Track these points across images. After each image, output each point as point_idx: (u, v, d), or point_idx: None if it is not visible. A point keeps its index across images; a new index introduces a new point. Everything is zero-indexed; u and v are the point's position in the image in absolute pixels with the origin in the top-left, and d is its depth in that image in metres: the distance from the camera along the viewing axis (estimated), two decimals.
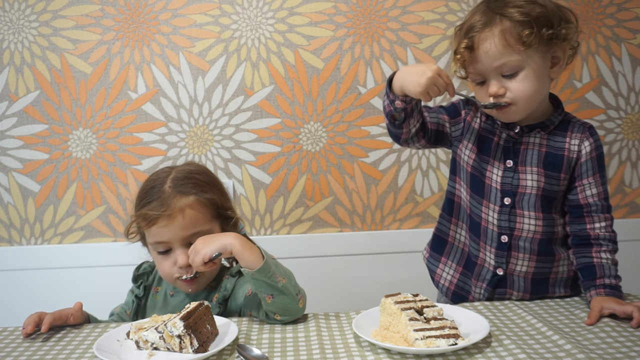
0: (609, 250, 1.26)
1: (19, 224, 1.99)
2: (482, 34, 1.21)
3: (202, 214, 1.27)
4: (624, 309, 1.14)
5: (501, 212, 1.30)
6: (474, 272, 1.37)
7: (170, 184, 1.28)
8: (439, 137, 1.36)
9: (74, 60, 1.93)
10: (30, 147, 1.96)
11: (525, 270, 1.32)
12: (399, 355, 1.04)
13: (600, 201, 1.28)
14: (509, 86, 1.22)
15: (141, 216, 1.26)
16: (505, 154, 1.30)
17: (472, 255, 1.38)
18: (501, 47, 1.19)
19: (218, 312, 1.28)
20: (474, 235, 1.36)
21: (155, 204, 1.25)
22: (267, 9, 1.93)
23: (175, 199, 1.25)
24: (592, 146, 1.28)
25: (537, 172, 1.28)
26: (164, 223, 1.24)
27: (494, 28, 1.20)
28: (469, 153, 1.34)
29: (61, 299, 1.97)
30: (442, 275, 1.44)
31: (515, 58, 1.20)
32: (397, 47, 1.96)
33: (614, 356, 1.00)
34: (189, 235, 1.25)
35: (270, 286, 1.16)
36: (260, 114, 1.97)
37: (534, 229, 1.29)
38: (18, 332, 1.23)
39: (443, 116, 1.36)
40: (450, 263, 1.43)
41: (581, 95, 2.00)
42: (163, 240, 1.26)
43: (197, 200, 1.27)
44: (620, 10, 1.98)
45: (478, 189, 1.34)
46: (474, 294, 1.38)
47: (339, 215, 2.01)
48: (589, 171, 1.28)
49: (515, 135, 1.29)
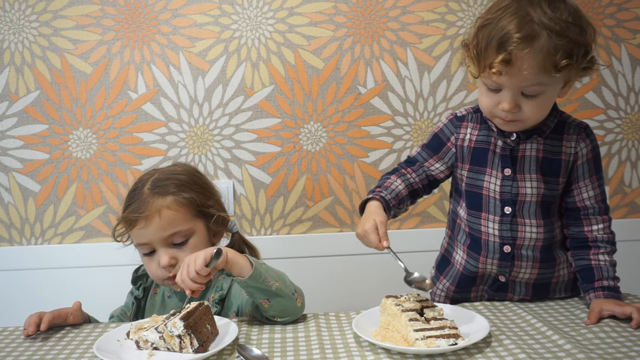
0: (607, 252, 1.25)
1: (19, 224, 1.99)
2: (521, 51, 1.11)
3: (180, 214, 1.27)
4: (623, 310, 1.14)
5: (502, 222, 1.28)
6: (474, 284, 1.35)
7: (149, 186, 1.29)
8: (434, 184, 1.37)
9: (74, 60, 1.93)
10: (31, 147, 1.96)
11: (527, 277, 1.30)
12: (399, 355, 1.04)
13: (598, 203, 1.27)
14: (525, 105, 1.17)
15: (123, 219, 1.28)
16: (503, 163, 1.27)
17: (469, 273, 1.34)
18: (537, 70, 1.12)
19: (216, 312, 1.28)
20: (473, 252, 1.32)
21: (133, 206, 1.27)
22: (267, 9, 1.93)
23: (152, 200, 1.26)
24: (588, 147, 1.26)
25: (535, 178, 1.26)
26: (142, 225, 1.25)
27: (535, 45, 1.11)
28: (464, 172, 1.32)
29: (61, 299, 1.97)
30: (437, 292, 1.43)
31: (544, 81, 1.14)
32: (397, 47, 1.96)
33: (613, 356, 1.00)
34: (168, 235, 1.26)
35: (265, 291, 1.16)
36: (260, 114, 1.97)
37: (536, 237, 1.27)
38: (18, 332, 1.23)
39: (427, 163, 1.35)
40: (445, 282, 1.40)
41: (581, 95, 2.00)
42: (144, 242, 1.27)
43: (175, 200, 1.27)
44: (620, 10, 1.98)
45: (476, 204, 1.31)
46: (473, 297, 1.37)
47: (339, 215, 2.01)
48: (585, 174, 1.26)
49: (511, 143, 1.26)
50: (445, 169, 1.35)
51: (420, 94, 1.98)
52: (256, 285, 1.15)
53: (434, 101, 1.97)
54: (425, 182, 1.35)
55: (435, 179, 1.36)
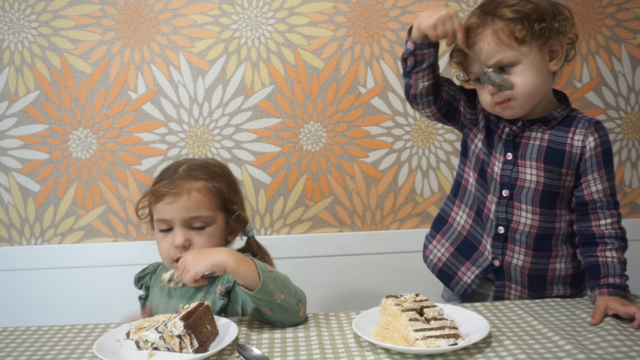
0: (615, 249, 1.25)
1: (19, 224, 1.99)
2: (476, 35, 1.25)
3: (207, 200, 1.31)
4: (627, 310, 1.14)
5: (499, 203, 1.32)
6: (471, 257, 1.38)
7: (184, 167, 1.35)
8: (450, 111, 1.36)
9: (74, 60, 1.93)
10: (30, 147, 1.96)
11: (522, 264, 1.32)
12: (399, 355, 1.04)
13: (606, 197, 1.27)
14: None
15: (151, 192, 1.32)
16: (506, 147, 1.31)
17: (472, 239, 1.38)
18: (494, 45, 1.23)
19: (222, 305, 1.29)
20: (480, 220, 1.37)
21: (165, 182, 1.32)
22: (267, 9, 1.93)
23: (185, 180, 1.31)
24: (596, 141, 1.27)
25: (536, 166, 1.28)
26: (169, 200, 1.28)
27: (486, 28, 1.24)
28: (479, 142, 1.36)
29: (61, 299, 1.98)
30: (433, 251, 1.45)
31: (510, 54, 1.22)
32: (397, 47, 1.96)
33: (614, 356, 1.00)
34: (190, 217, 1.29)
35: (269, 302, 1.16)
36: (260, 114, 1.97)
37: (531, 223, 1.30)
38: (18, 332, 1.23)
39: (461, 94, 1.37)
40: (444, 242, 1.43)
41: (581, 95, 2.00)
42: (165, 218, 1.30)
43: (205, 185, 1.32)
44: (620, 10, 1.98)
45: (483, 177, 1.35)
46: (462, 277, 1.38)
47: (339, 215, 2.01)
48: (593, 167, 1.27)
49: (517, 129, 1.30)
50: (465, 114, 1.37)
51: None
52: (261, 298, 1.16)
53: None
54: (449, 98, 1.35)
55: (456, 108, 1.36)
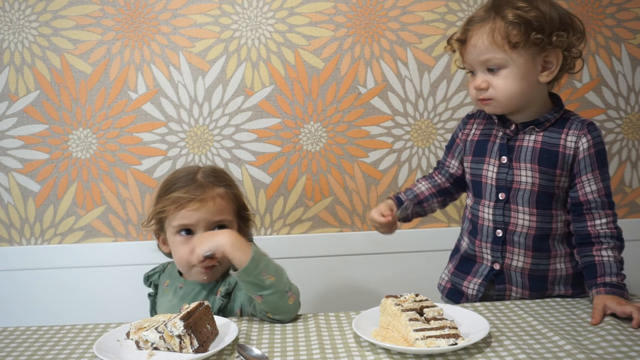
0: (611, 248, 1.25)
1: (19, 224, 1.99)
2: (475, 29, 1.27)
3: (229, 206, 1.36)
4: (623, 309, 1.14)
5: (496, 207, 1.33)
6: (471, 270, 1.39)
7: (202, 175, 1.37)
8: (459, 181, 1.47)
9: (74, 60, 1.93)
10: (30, 147, 1.96)
11: (521, 266, 1.32)
12: (399, 355, 1.04)
13: (601, 197, 1.27)
14: (492, 81, 1.27)
15: (172, 199, 1.32)
16: (500, 151, 1.33)
17: (469, 256, 1.40)
18: (488, 43, 1.25)
19: (222, 305, 1.30)
20: (472, 237, 1.39)
21: (189, 188, 1.33)
22: (267, 9, 1.93)
23: (208, 187, 1.34)
24: (589, 143, 1.27)
25: (531, 168, 1.29)
26: (195, 206, 1.30)
27: (485, 25, 1.26)
28: (468, 164, 1.40)
29: (61, 299, 1.98)
30: (442, 276, 1.49)
31: (500, 56, 1.24)
32: (397, 47, 1.96)
33: (614, 356, 1.00)
34: (215, 221, 1.33)
35: (258, 286, 1.18)
36: (260, 114, 1.97)
37: (528, 225, 1.30)
38: (18, 332, 1.23)
39: (447, 162, 1.47)
40: (450, 266, 1.47)
41: (581, 95, 2.00)
42: (190, 223, 1.31)
43: (226, 192, 1.37)
44: (620, 10, 1.98)
45: (477, 192, 1.38)
46: (467, 290, 1.39)
47: (339, 215, 2.01)
48: (587, 168, 1.27)
49: (510, 133, 1.32)
50: (459, 164, 1.45)
51: (420, 94, 1.98)
52: (250, 280, 1.17)
53: (434, 101, 1.97)
54: (450, 181, 1.47)
55: (457, 176, 1.46)
